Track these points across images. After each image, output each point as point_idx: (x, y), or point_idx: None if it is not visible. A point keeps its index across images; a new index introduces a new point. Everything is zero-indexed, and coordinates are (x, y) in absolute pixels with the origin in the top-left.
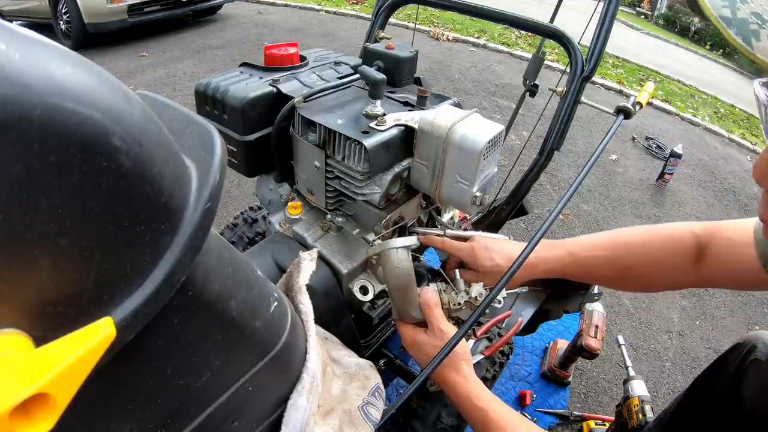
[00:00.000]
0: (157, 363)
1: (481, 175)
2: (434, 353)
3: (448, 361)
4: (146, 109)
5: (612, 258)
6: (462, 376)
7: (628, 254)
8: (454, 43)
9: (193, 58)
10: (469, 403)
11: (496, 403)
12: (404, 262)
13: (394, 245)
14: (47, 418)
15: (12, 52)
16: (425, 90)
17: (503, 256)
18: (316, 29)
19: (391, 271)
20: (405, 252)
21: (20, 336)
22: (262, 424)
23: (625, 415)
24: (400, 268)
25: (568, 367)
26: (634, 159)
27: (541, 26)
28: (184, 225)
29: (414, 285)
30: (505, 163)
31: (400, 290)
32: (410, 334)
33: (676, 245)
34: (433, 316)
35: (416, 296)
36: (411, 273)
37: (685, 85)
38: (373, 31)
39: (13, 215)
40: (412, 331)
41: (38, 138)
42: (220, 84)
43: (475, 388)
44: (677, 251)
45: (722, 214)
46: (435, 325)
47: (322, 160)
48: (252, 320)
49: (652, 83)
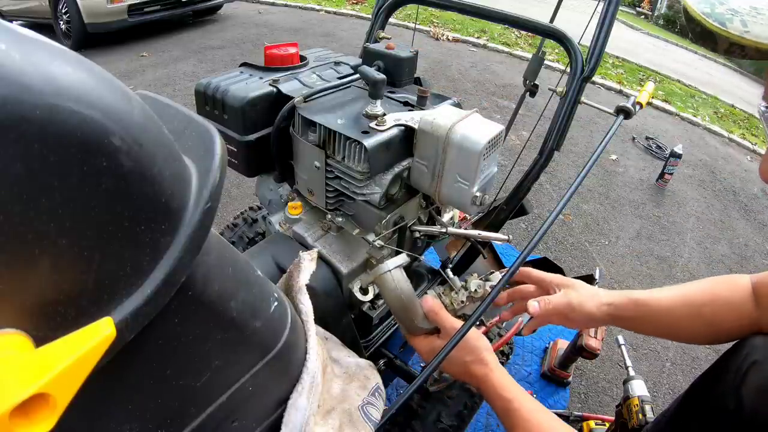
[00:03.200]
0: (157, 363)
1: (481, 175)
2: (457, 354)
3: (472, 357)
4: (146, 109)
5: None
6: (490, 368)
7: (697, 291)
8: (454, 43)
9: (193, 58)
10: (495, 394)
11: (523, 394)
12: (401, 282)
13: (387, 268)
14: (47, 418)
15: (12, 52)
16: (425, 90)
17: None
18: (316, 29)
19: (392, 293)
20: (399, 272)
21: (20, 336)
22: (262, 424)
23: (625, 415)
24: (399, 288)
25: (568, 367)
26: (634, 159)
27: (541, 26)
28: (184, 225)
29: (416, 298)
30: (505, 163)
31: (404, 308)
32: (426, 344)
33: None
34: (442, 319)
35: (420, 308)
36: (410, 290)
37: (685, 85)
38: (373, 31)
39: (13, 215)
40: (426, 340)
41: (38, 138)
42: (220, 84)
43: (501, 378)
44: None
45: (722, 214)
46: (447, 326)
47: (322, 160)
48: (252, 320)
49: (652, 83)
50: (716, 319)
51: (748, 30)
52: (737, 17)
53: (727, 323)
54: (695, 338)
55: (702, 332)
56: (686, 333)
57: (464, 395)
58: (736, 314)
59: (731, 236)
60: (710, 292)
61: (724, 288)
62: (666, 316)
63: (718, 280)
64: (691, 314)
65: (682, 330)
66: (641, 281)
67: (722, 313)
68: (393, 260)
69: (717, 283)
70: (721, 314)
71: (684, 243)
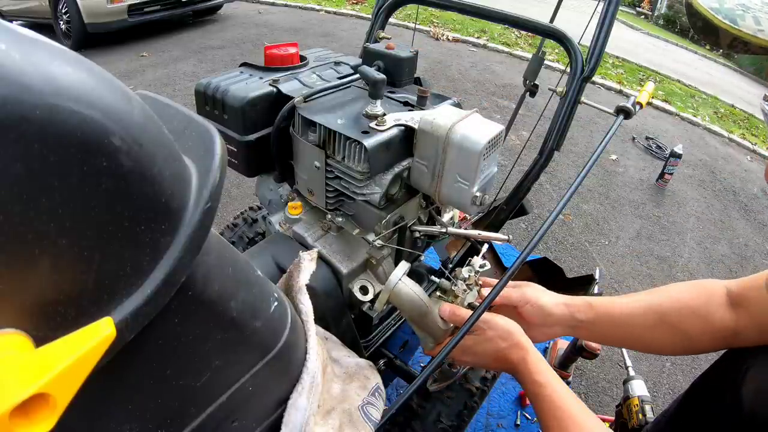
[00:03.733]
0: (157, 363)
1: (481, 175)
2: (491, 345)
3: (508, 343)
4: (146, 109)
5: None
6: (526, 351)
7: (662, 297)
8: (454, 43)
9: (193, 58)
10: (530, 378)
11: (555, 379)
12: (415, 286)
13: (397, 278)
14: (47, 418)
15: (12, 52)
16: (425, 90)
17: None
18: (316, 29)
19: (410, 301)
20: (407, 279)
21: (20, 336)
22: (262, 424)
23: (625, 415)
24: (414, 291)
25: (568, 367)
26: (634, 159)
27: (541, 26)
28: (184, 225)
29: (429, 301)
30: (505, 163)
31: (424, 314)
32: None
33: (707, 293)
34: (464, 313)
35: (434, 310)
36: (423, 292)
37: (685, 85)
38: (373, 31)
39: (13, 215)
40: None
41: (38, 138)
42: (220, 84)
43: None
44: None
45: (722, 214)
46: None
47: (322, 160)
48: (252, 320)
49: (652, 83)
50: (683, 327)
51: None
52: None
53: (695, 331)
54: (663, 348)
55: (669, 341)
56: (651, 342)
57: (464, 395)
58: (703, 321)
59: (731, 236)
60: (675, 298)
61: (690, 294)
62: (627, 323)
63: (684, 285)
64: (654, 321)
65: (646, 339)
66: (641, 281)
67: (689, 320)
68: (397, 270)
69: (683, 290)
70: (687, 322)
71: (684, 243)
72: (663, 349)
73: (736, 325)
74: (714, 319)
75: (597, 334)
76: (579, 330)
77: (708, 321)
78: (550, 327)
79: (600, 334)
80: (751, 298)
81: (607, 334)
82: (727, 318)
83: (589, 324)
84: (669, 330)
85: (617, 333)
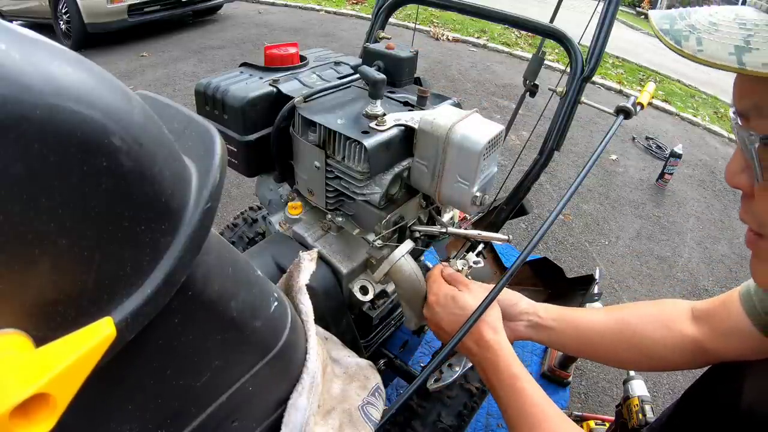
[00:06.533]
0: (157, 363)
1: (481, 175)
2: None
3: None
4: (146, 108)
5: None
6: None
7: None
8: (454, 43)
9: (193, 58)
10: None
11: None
12: (414, 265)
13: (401, 253)
14: (47, 418)
15: (12, 52)
16: (425, 90)
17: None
18: (316, 29)
19: (409, 278)
20: (409, 257)
21: (20, 336)
22: (263, 424)
23: (625, 415)
24: (413, 269)
25: (568, 367)
26: (634, 159)
27: (541, 26)
28: (185, 225)
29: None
30: (505, 163)
31: (416, 292)
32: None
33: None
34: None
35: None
36: (420, 273)
37: (685, 85)
38: (373, 31)
39: (13, 215)
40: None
41: (38, 138)
42: (220, 84)
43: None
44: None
45: (722, 214)
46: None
47: (322, 160)
48: (252, 320)
49: (653, 84)
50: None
51: (702, 49)
52: (694, 35)
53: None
54: (623, 362)
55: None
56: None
57: (464, 395)
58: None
59: (731, 236)
60: (639, 310)
61: (654, 307)
62: (589, 328)
63: (649, 301)
64: (614, 331)
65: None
66: (641, 281)
67: (650, 326)
68: (402, 247)
69: (648, 304)
70: (648, 328)
71: (684, 243)
72: (624, 363)
73: (702, 337)
74: (675, 327)
75: (559, 336)
76: (541, 330)
77: (670, 329)
78: (515, 320)
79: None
80: (716, 314)
81: (570, 337)
82: (690, 329)
83: (551, 322)
84: (631, 337)
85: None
